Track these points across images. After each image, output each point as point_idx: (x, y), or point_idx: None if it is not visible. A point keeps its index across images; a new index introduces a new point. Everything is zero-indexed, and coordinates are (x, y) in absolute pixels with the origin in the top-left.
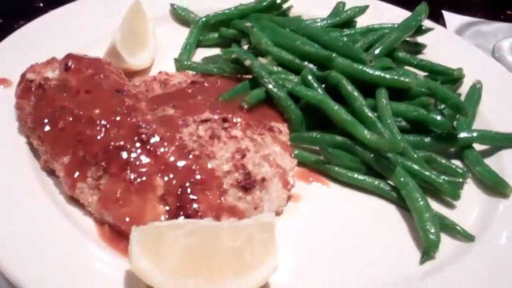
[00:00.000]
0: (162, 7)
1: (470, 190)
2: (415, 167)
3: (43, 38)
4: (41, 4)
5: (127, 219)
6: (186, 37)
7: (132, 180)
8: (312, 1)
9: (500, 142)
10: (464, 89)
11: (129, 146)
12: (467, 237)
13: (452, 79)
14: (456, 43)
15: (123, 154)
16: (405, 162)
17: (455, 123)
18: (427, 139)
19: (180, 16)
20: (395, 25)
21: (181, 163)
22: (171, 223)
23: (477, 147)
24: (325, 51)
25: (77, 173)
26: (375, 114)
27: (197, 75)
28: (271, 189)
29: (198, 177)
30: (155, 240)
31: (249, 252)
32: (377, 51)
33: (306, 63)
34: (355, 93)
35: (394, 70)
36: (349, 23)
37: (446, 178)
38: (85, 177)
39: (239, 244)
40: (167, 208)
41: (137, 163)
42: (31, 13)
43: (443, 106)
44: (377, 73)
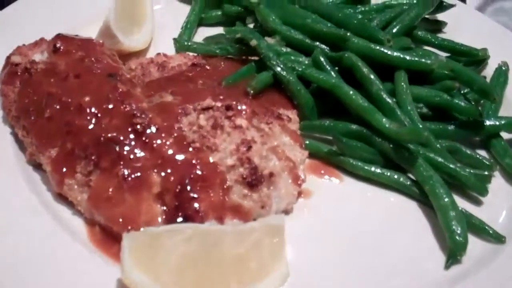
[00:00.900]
0: None
1: (498, 184)
2: (439, 159)
3: (31, 17)
4: None
5: (120, 220)
6: (186, 15)
7: (126, 176)
8: None
9: None
10: (488, 72)
11: (122, 138)
12: (497, 238)
13: (476, 60)
14: (479, 20)
15: (116, 147)
16: (427, 154)
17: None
18: (450, 127)
19: None
20: (414, 1)
21: (180, 157)
22: (168, 228)
23: (505, 135)
24: (339, 30)
25: (65, 167)
26: (394, 99)
27: (198, 57)
28: (280, 185)
29: (199, 172)
30: (150, 248)
31: (256, 259)
32: (395, 29)
33: (317, 43)
34: (372, 76)
35: (413, 50)
36: None
37: (472, 171)
38: (74, 172)
39: (244, 250)
40: (164, 208)
41: (131, 157)
42: None
43: (467, 90)
44: (396, 54)
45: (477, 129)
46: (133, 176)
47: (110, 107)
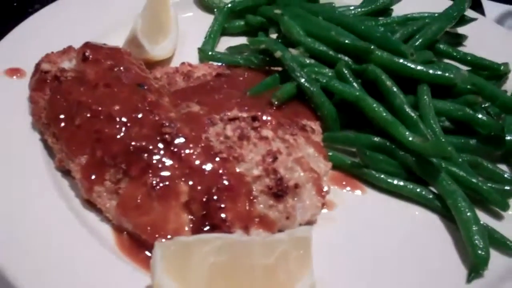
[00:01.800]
0: None
1: None
2: (461, 173)
3: (60, 25)
4: None
5: (148, 228)
6: (209, 25)
7: (154, 185)
8: None
9: None
10: (509, 86)
11: (151, 147)
12: None
13: (498, 74)
14: (499, 34)
15: (145, 156)
16: (449, 167)
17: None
18: (472, 142)
19: (203, 1)
20: (435, 14)
21: (207, 167)
22: (198, 238)
23: None
24: (363, 43)
25: (94, 175)
26: (417, 113)
27: (222, 67)
28: (304, 196)
29: (226, 182)
30: (181, 257)
31: (284, 270)
32: (417, 43)
33: (341, 55)
34: (395, 89)
35: (436, 64)
36: (385, 11)
37: (493, 186)
38: (103, 179)
39: (272, 261)
40: (191, 216)
41: (160, 166)
42: None
43: (487, 104)
44: (419, 67)
45: (498, 143)
46: (161, 185)
47: (139, 116)
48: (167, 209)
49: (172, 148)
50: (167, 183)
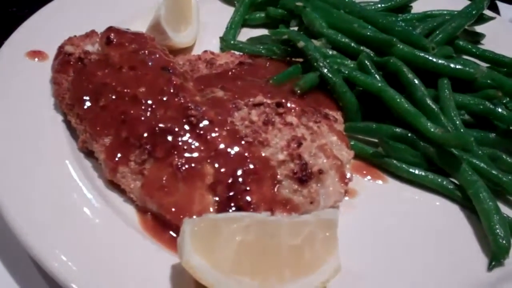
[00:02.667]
0: None
1: None
2: (481, 164)
3: (82, 9)
4: None
5: (173, 209)
6: (231, 16)
7: (180, 166)
8: None
9: None
10: None
11: (176, 129)
12: None
13: None
14: None
15: (170, 138)
16: (470, 159)
17: None
18: (491, 135)
19: None
20: (454, 12)
21: (233, 150)
22: (226, 216)
23: None
24: (385, 35)
25: (119, 155)
26: (438, 106)
27: (244, 56)
28: (328, 182)
29: (251, 166)
30: (209, 234)
31: (310, 251)
32: (437, 38)
33: (363, 47)
34: (417, 81)
35: (456, 59)
36: (404, 8)
37: None
38: (127, 160)
39: (299, 242)
40: (216, 198)
41: (185, 147)
42: None
43: (506, 100)
44: (441, 61)
45: None
46: (186, 166)
47: (164, 99)
48: (192, 190)
49: (198, 130)
50: (192, 164)
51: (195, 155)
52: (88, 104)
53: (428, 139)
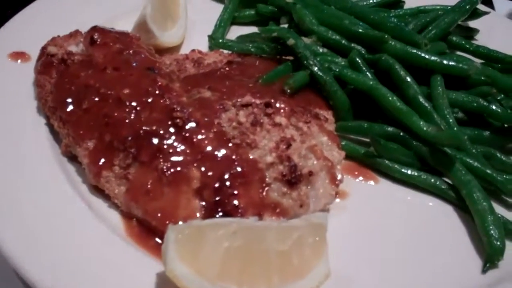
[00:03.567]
0: None
1: None
2: (475, 163)
3: (65, 8)
4: None
5: (158, 214)
6: (219, 14)
7: (165, 170)
8: None
9: None
10: None
11: (162, 132)
12: None
13: (510, 67)
14: (511, 28)
15: (155, 140)
16: (464, 158)
17: None
18: (486, 133)
19: None
20: (447, 7)
21: (220, 153)
22: (212, 222)
23: None
24: (377, 32)
25: (103, 160)
26: (430, 103)
27: (233, 55)
28: (318, 184)
29: (239, 168)
30: (194, 241)
31: (299, 256)
32: (430, 34)
33: (354, 44)
34: (409, 79)
35: (449, 55)
36: (396, 3)
37: (508, 177)
38: (112, 164)
39: (287, 247)
40: (203, 203)
41: (171, 151)
42: None
43: (501, 97)
44: (434, 58)
45: None
46: (172, 170)
47: (149, 100)
48: (178, 195)
49: (184, 133)
50: (178, 168)
51: (181, 158)
52: (71, 107)
53: (421, 138)
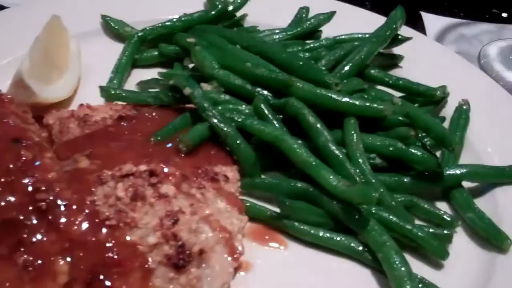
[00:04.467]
0: (91, 20)
1: (461, 242)
2: (393, 219)
3: None
4: None
5: None
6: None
7: (27, 265)
8: (270, 8)
9: (494, 178)
10: (448, 110)
11: (22, 218)
12: None
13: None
14: (438, 52)
15: (16, 230)
16: (380, 213)
17: (439, 155)
18: (407, 179)
19: (113, 30)
20: (367, 35)
21: (92, 238)
22: None
23: (467, 184)
24: (281, 75)
25: None
26: (343, 150)
27: (127, 107)
28: (213, 262)
29: (115, 256)
30: None
31: None
32: (344, 69)
33: (259, 89)
34: (319, 125)
35: (365, 93)
36: (313, 33)
37: (430, 231)
38: None
39: None
40: None
41: (34, 240)
42: None
43: (423, 134)
44: (345, 99)
45: (436, 180)
46: (35, 264)
47: (9, 180)
48: None
49: (49, 217)
50: (40, 261)
51: (46, 249)
52: None
53: (332, 194)
